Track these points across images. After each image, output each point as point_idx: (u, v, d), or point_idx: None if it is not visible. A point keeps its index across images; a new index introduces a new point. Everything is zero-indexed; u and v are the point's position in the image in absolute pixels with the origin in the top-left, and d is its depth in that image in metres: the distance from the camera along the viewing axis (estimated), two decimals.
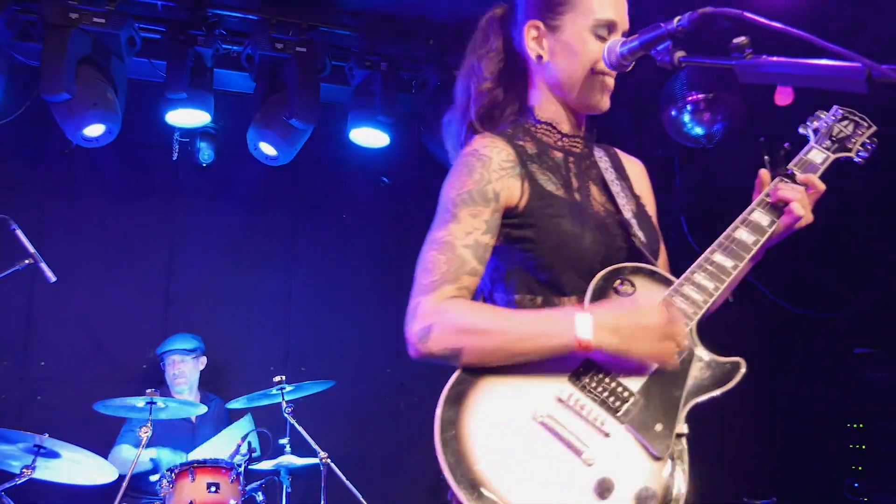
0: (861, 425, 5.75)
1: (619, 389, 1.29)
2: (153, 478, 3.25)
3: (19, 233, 3.21)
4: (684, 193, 4.81)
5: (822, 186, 1.49)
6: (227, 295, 4.64)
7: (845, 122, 1.61)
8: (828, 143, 1.58)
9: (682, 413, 1.28)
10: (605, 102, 1.52)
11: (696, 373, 1.32)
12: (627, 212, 1.52)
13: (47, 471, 3.07)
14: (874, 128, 1.63)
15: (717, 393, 1.31)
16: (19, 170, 4.38)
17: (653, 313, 1.28)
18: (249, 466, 3.25)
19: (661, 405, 1.28)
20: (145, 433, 3.03)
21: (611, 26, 1.48)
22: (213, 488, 3.08)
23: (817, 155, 1.55)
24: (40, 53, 3.70)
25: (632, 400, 1.28)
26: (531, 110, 1.56)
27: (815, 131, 1.60)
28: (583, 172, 1.54)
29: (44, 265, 3.19)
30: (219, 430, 3.70)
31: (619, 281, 1.40)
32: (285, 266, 4.82)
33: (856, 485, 5.56)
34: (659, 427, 1.26)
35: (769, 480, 5.05)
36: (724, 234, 1.43)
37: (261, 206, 4.80)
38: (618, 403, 1.28)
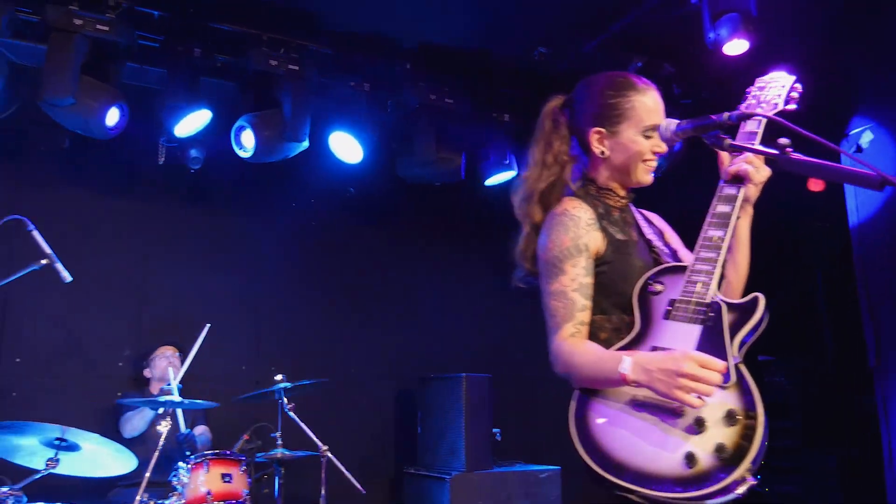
0: None
1: None
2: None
3: (35, 233, 3.29)
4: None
5: (752, 150, 1.83)
6: (201, 294, 4.81)
7: (770, 87, 1.96)
8: (760, 109, 1.91)
9: (732, 349, 1.68)
10: (649, 179, 1.99)
11: (727, 318, 1.73)
12: (653, 238, 2.00)
13: (68, 465, 3.18)
14: (793, 77, 1.98)
15: (750, 324, 1.71)
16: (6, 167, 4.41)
17: (674, 360, 1.61)
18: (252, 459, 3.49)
19: (714, 351, 1.65)
20: (165, 426, 3.22)
21: (656, 128, 1.94)
22: (226, 478, 3.30)
23: (752, 124, 1.89)
24: (45, 57, 3.78)
25: None
26: (594, 181, 2.01)
27: (748, 106, 1.95)
28: (628, 223, 2.00)
29: (59, 265, 3.29)
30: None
31: (649, 285, 1.84)
32: (256, 266, 5.03)
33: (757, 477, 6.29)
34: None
35: None
36: (709, 212, 1.86)
37: (236, 207, 5.00)
38: None
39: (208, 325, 3.85)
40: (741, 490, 1.52)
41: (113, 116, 4.00)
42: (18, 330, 4.36)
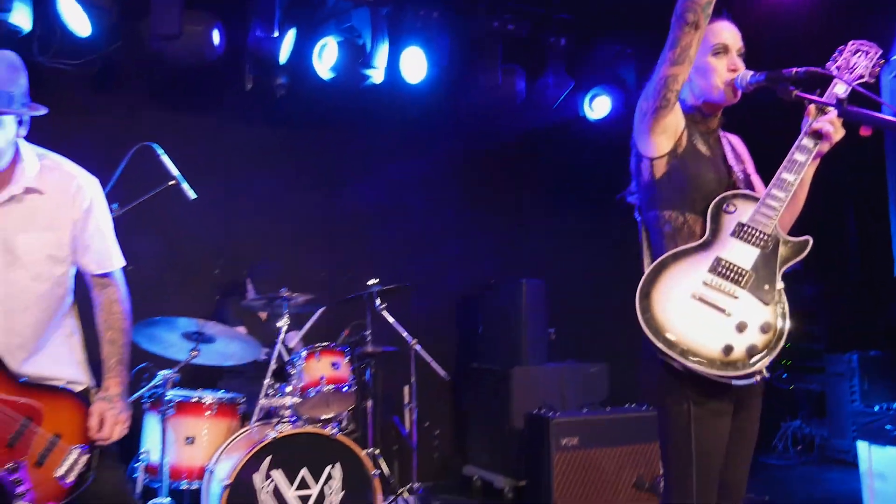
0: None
1: (739, 270, 2.12)
2: None
3: (164, 157, 3.76)
4: None
5: (835, 114, 2.16)
6: (284, 210, 5.32)
7: (858, 54, 2.26)
8: (847, 75, 2.24)
9: (778, 276, 2.11)
10: (730, 98, 2.30)
11: (782, 249, 2.15)
12: (734, 164, 2.36)
13: (205, 355, 3.78)
14: (880, 51, 2.23)
15: (797, 259, 2.13)
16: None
17: None
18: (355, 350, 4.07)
19: (765, 273, 2.10)
20: (285, 323, 3.79)
21: (724, 47, 2.28)
22: (335, 366, 3.88)
23: (840, 87, 2.22)
24: None
25: (747, 275, 2.11)
26: (682, 101, 2.36)
27: (838, 68, 2.27)
28: (711, 140, 2.36)
29: (185, 185, 3.77)
30: None
31: (725, 204, 2.23)
32: (346, 183, 5.53)
33: (783, 375, 6.88)
34: (766, 287, 2.11)
35: None
36: (787, 157, 2.20)
37: (317, 128, 5.43)
38: (739, 278, 2.11)
39: (322, 307, 4.35)
40: (757, 379, 2.01)
41: (215, 38, 4.38)
42: (129, 243, 4.90)
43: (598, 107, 5.69)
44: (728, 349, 2.00)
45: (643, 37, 5.19)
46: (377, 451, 4.20)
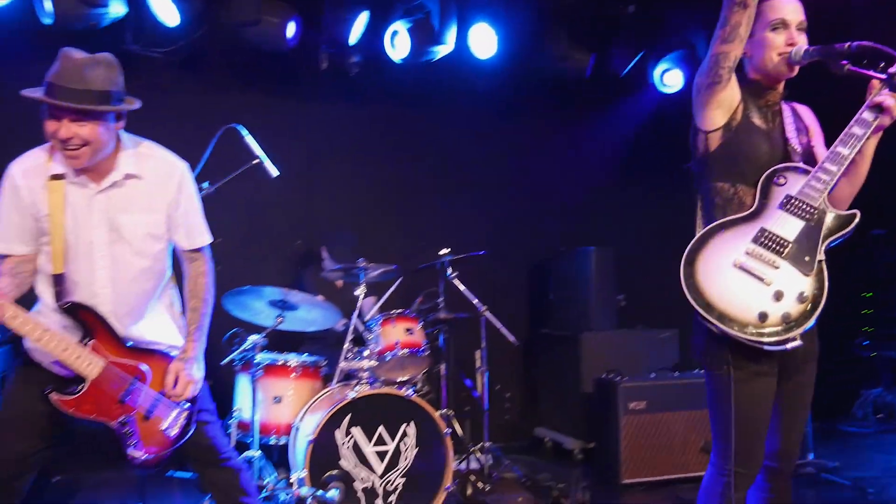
0: (870, 294, 6.89)
1: (781, 241, 2.19)
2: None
3: (248, 138, 4.02)
4: None
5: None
6: (359, 181, 5.57)
7: None
8: None
9: (821, 248, 2.17)
10: (786, 70, 2.34)
11: (828, 222, 2.21)
12: (792, 137, 2.39)
13: (289, 321, 4.08)
14: None
15: (842, 233, 2.19)
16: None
17: None
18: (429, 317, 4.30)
19: (807, 245, 2.17)
20: (362, 291, 4.05)
21: (783, 22, 2.32)
22: (409, 332, 4.11)
23: None
24: None
25: (789, 246, 2.18)
26: (745, 76, 2.42)
27: None
28: (770, 114, 2.40)
29: (268, 164, 4.03)
30: None
31: (775, 177, 2.29)
32: (418, 156, 5.74)
33: (865, 343, 6.75)
34: (807, 258, 2.17)
35: None
36: (845, 131, 2.24)
37: (389, 106, 5.63)
38: (781, 249, 2.19)
39: (399, 278, 4.57)
40: (790, 346, 2.08)
41: (290, 30, 4.63)
42: (217, 218, 5.25)
43: (670, 79, 5.68)
44: (763, 316, 2.10)
45: (713, 2, 5.13)
46: (451, 412, 4.44)
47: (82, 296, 2.47)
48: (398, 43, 5.00)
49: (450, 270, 4.47)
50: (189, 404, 2.56)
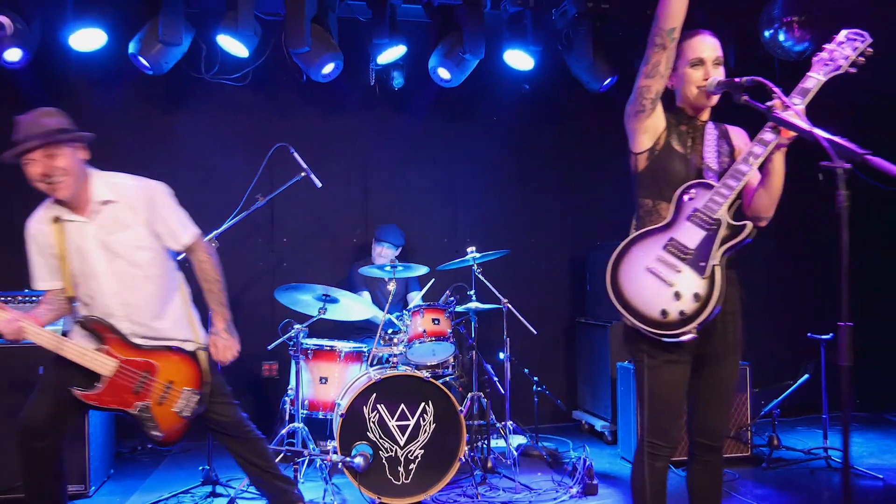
0: None
1: (684, 248, 2.54)
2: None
3: (295, 154, 4.64)
4: None
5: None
6: (408, 185, 6.13)
7: (844, 45, 2.43)
8: (825, 68, 2.44)
9: (716, 253, 2.49)
10: (704, 102, 2.69)
11: (721, 232, 2.53)
12: (710, 157, 2.68)
13: (332, 312, 4.70)
14: (868, 40, 2.40)
15: (736, 240, 2.49)
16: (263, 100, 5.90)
17: None
18: (454, 308, 4.80)
19: (705, 251, 2.51)
20: (393, 286, 4.61)
21: (700, 60, 2.65)
22: (436, 322, 4.63)
23: (811, 81, 2.49)
24: (284, 15, 5.02)
25: (690, 252, 2.53)
26: (674, 103, 2.78)
27: (819, 60, 2.50)
28: (691, 139, 2.73)
29: (313, 176, 4.63)
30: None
31: (685, 192, 2.60)
32: (452, 161, 6.25)
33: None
34: (702, 263, 2.51)
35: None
36: (745, 150, 2.54)
37: (433, 114, 6.16)
38: (684, 255, 2.54)
39: (432, 279, 5.15)
40: (685, 338, 2.46)
41: (328, 68, 5.20)
42: (283, 220, 5.96)
43: None
44: (664, 313, 2.50)
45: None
46: (482, 394, 4.94)
47: (98, 310, 3.01)
48: (440, 73, 5.48)
49: (475, 267, 4.95)
50: (198, 389, 3.13)
